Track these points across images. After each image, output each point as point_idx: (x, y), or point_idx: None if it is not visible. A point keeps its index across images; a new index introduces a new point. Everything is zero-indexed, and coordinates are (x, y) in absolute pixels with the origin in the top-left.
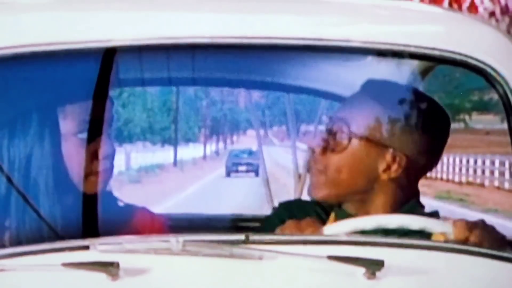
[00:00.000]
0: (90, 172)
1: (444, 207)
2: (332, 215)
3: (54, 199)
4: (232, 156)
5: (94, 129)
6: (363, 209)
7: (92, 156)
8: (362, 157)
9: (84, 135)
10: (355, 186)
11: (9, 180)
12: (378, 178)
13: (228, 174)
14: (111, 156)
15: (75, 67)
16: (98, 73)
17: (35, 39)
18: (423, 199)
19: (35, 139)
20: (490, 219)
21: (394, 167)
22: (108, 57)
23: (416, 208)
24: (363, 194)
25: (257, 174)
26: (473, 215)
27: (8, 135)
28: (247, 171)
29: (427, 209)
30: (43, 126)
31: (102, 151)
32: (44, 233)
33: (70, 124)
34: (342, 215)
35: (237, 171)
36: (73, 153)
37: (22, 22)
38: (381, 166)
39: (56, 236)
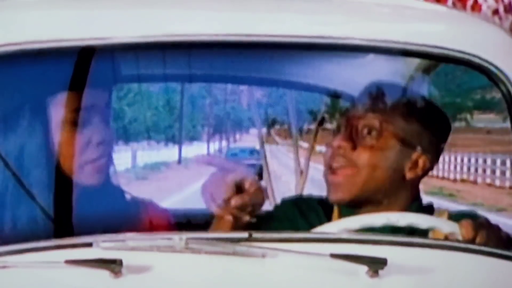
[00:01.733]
0: (85, 162)
1: (433, 202)
2: (336, 212)
3: (51, 194)
4: (230, 156)
5: (89, 119)
6: (377, 211)
7: (86, 146)
8: (392, 154)
9: (79, 125)
10: (383, 184)
11: (7, 176)
12: (403, 177)
13: None
14: (107, 145)
15: (70, 61)
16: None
17: (30, 37)
18: None
19: (28, 133)
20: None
21: (419, 166)
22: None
23: (420, 209)
24: (384, 194)
25: (260, 177)
26: (459, 208)
27: (1, 130)
28: None
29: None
30: (36, 120)
31: (97, 140)
32: (40, 229)
33: (63, 113)
34: (347, 212)
35: None
36: (67, 143)
37: (19, 20)
38: (408, 165)
39: (55, 231)
